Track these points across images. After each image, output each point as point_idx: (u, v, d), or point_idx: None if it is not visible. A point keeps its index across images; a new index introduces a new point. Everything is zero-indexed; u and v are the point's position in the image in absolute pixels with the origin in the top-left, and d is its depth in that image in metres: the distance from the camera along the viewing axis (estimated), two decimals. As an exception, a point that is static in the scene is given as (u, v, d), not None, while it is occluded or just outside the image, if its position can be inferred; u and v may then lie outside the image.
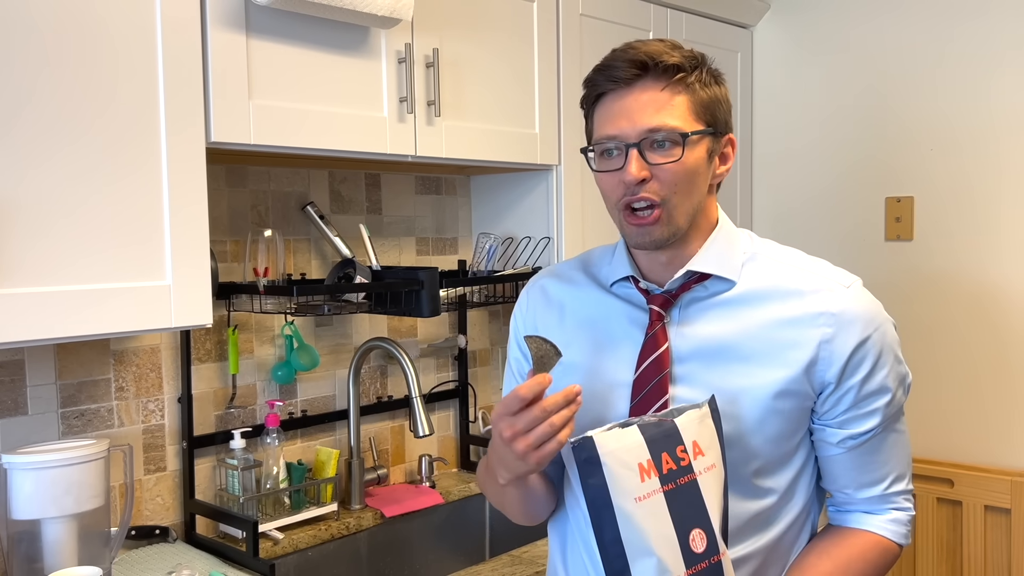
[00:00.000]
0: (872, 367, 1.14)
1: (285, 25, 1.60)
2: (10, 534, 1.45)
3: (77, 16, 1.33)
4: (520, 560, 1.77)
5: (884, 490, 1.21)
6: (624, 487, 1.03)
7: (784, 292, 1.16)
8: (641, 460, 1.04)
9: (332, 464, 2.00)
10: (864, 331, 1.14)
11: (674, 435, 1.06)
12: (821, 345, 1.13)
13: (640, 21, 2.36)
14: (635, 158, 1.10)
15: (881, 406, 1.16)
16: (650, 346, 1.17)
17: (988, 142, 2.38)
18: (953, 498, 2.41)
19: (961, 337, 2.44)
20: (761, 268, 1.19)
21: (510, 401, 1.03)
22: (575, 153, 2.18)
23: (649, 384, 1.15)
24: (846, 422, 1.17)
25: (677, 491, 1.05)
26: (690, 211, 1.14)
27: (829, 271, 1.19)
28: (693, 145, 1.11)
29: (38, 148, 1.30)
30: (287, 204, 2.01)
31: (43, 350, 1.65)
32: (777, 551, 1.20)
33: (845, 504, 1.24)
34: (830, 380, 1.14)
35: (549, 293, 1.31)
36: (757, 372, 1.14)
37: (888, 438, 1.20)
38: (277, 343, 2.01)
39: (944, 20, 2.44)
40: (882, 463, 1.20)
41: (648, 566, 1.02)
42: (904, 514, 1.23)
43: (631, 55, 1.11)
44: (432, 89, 1.83)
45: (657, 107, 1.10)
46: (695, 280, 1.18)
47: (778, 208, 2.80)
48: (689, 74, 1.11)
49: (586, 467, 1.03)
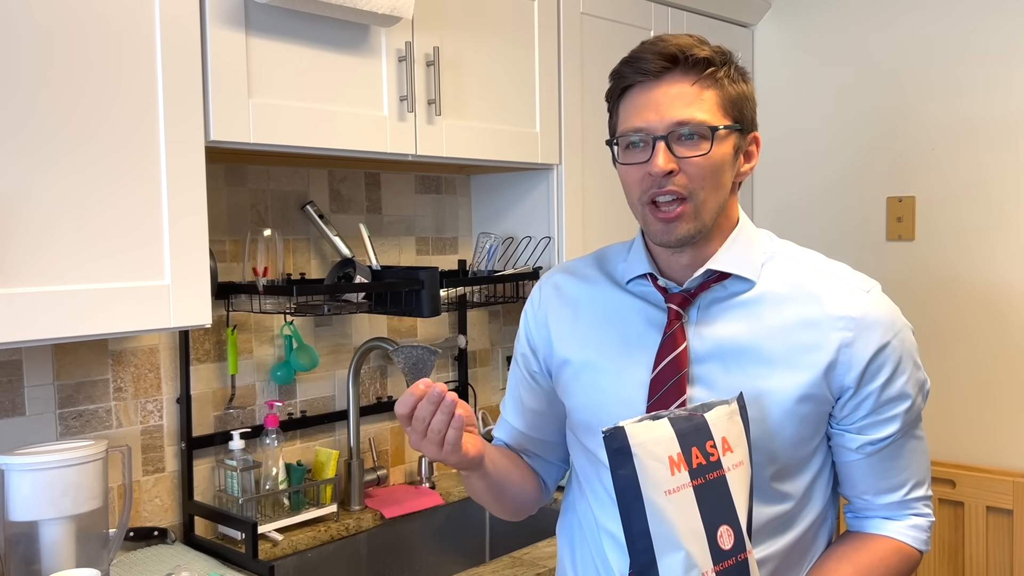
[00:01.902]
0: (892, 373, 1.13)
1: (285, 23, 1.59)
2: (8, 536, 1.44)
3: (78, 16, 1.32)
4: (521, 562, 1.76)
5: (904, 496, 1.20)
6: (654, 479, 1.02)
7: (804, 294, 1.15)
8: (671, 453, 1.03)
9: (332, 465, 2.00)
10: (884, 336, 1.13)
11: (704, 430, 1.05)
12: (841, 349, 1.12)
13: (641, 20, 2.35)
14: (662, 150, 1.08)
15: (900, 412, 1.15)
16: (668, 346, 1.15)
17: (990, 142, 2.38)
18: (955, 499, 2.41)
19: (963, 338, 2.44)
20: (781, 269, 1.17)
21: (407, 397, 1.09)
22: (576, 152, 2.17)
23: (666, 384, 1.14)
24: (865, 428, 1.15)
25: (706, 486, 1.03)
26: (715, 208, 1.13)
27: (849, 275, 1.18)
28: (721, 140, 1.10)
29: (40, 149, 1.29)
30: (286, 203, 2.00)
31: (41, 350, 1.64)
32: (793, 555, 1.19)
33: (864, 510, 1.22)
34: (849, 385, 1.13)
35: (563, 290, 1.29)
36: (776, 375, 1.13)
37: (907, 444, 1.18)
38: (276, 343, 2.00)
39: (945, 20, 2.44)
40: (901, 469, 1.19)
41: (676, 560, 1.01)
42: (924, 520, 1.21)
43: (661, 48, 1.10)
44: (432, 88, 1.82)
45: (686, 101, 1.09)
46: (714, 279, 1.16)
47: (779, 207, 2.79)
48: (719, 69, 1.10)
49: (617, 457, 1.02)
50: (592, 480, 1.24)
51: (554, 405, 1.31)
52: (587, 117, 2.20)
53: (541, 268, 2.17)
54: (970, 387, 2.44)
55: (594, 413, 1.20)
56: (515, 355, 1.36)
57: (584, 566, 1.26)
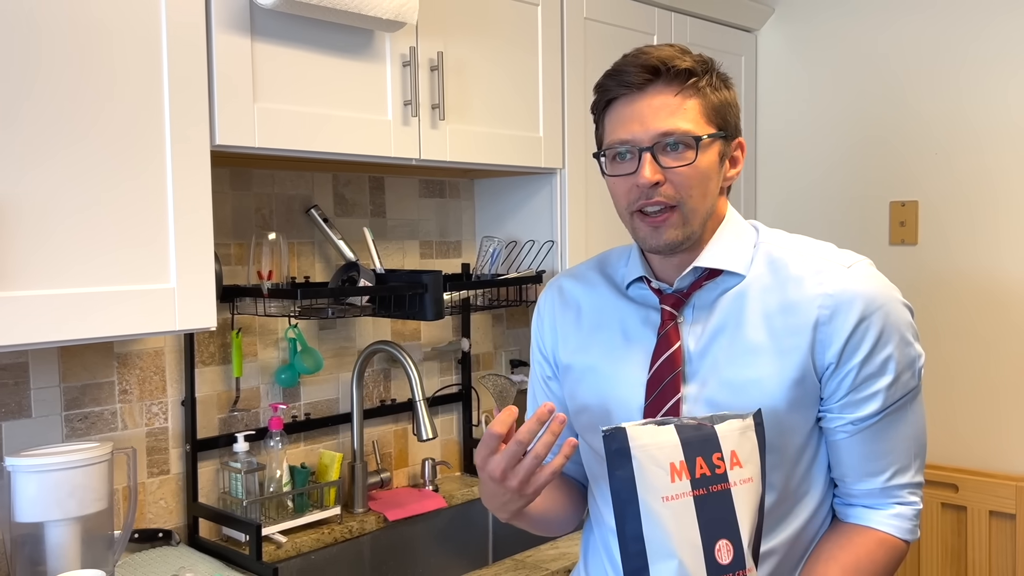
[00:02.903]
0: (872, 347, 1.12)
1: (289, 28, 1.60)
2: (13, 537, 1.45)
3: (82, 19, 1.33)
4: (524, 564, 1.76)
5: (885, 482, 1.17)
6: (652, 484, 1.01)
7: (787, 278, 1.15)
8: (674, 460, 1.02)
9: (335, 467, 2.00)
10: (864, 311, 1.11)
11: (712, 441, 1.04)
12: (819, 327, 1.12)
13: (644, 25, 2.36)
14: (648, 161, 1.11)
15: (882, 388, 1.13)
16: (663, 345, 1.17)
17: (993, 146, 2.38)
18: (958, 503, 2.40)
19: (965, 342, 2.44)
20: (767, 258, 1.18)
21: (488, 439, 1.06)
22: (579, 157, 2.18)
23: (662, 382, 1.15)
24: (847, 406, 1.14)
25: (708, 498, 1.02)
26: (704, 215, 1.14)
27: (831, 253, 1.17)
28: (706, 148, 1.12)
29: (42, 151, 1.30)
30: (291, 207, 2.01)
31: (47, 353, 1.65)
32: (798, 546, 1.19)
33: (847, 496, 1.21)
34: (830, 361, 1.12)
35: (566, 294, 1.31)
36: (765, 363, 1.13)
37: (892, 426, 1.16)
38: (281, 346, 2.01)
39: (948, 23, 2.44)
40: (883, 453, 1.16)
41: (668, 569, 1.00)
42: (909, 508, 1.18)
43: (643, 60, 1.11)
44: (436, 92, 1.82)
45: (670, 111, 1.10)
46: (706, 277, 1.18)
47: (781, 212, 2.79)
48: (700, 78, 1.12)
49: (615, 458, 1.02)
50: (600, 481, 1.25)
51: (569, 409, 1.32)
52: (590, 122, 2.19)
53: (544, 272, 2.18)
54: (973, 391, 2.44)
55: (597, 415, 1.21)
56: (531, 363, 1.38)
57: (595, 566, 1.27)
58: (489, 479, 1.08)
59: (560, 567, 1.74)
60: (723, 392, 1.14)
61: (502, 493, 1.09)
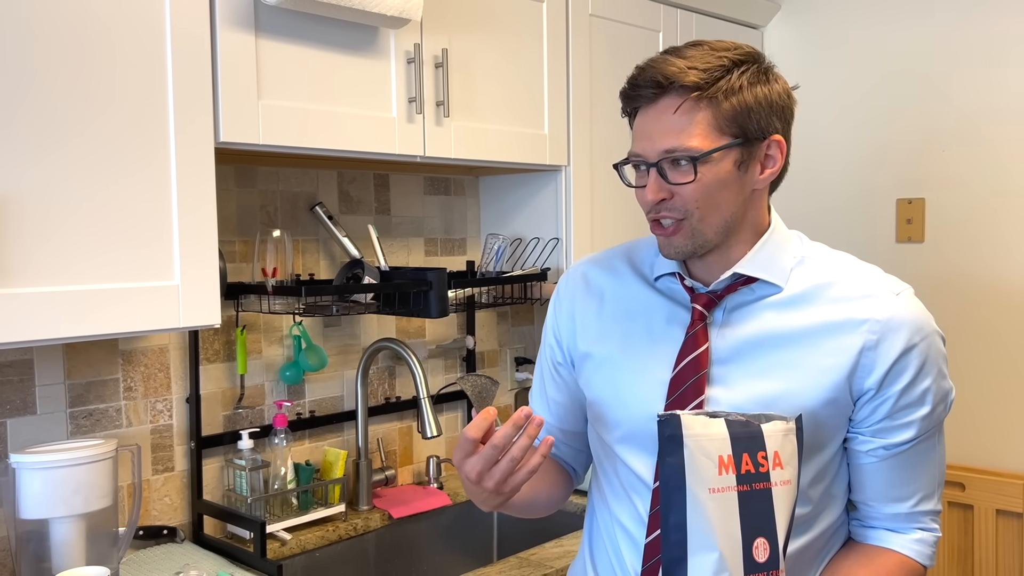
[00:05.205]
0: (914, 377, 1.12)
1: (294, 25, 1.60)
2: (18, 533, 1.45)
3: (85, 16, 1.33)
4: (528, 562, 1.76)
5: (911, 508, 1.18)
6: (701, 474, 1.01)
7: (831, 298, 1.14)
8: (723, 453, 1.02)
9: (340, 465, 2.00)
10: (910, 339, 1.11)
11: (759, 439, 1.05)
12: (864, 352, 1.11)
13: (650, 22, 2.35)
14: (654, 179, 1.11)
15: (918, 418, 1.14)
16: (690, 345, 1.15)
17: (1000, 143, 2.37)
18: (965, 502, 2.40)
19: (973, 341, 2.43)
20: (810, 273, 1.17)
21: (463, 443, 1.07)
22: (584, 154, 2.18)
23: (686, 383, 1.14)
24: (881, 431, 1.14)
25: (751, 495, 1.03)
26: (719, 224, 1.13)
27: (879, 277, 1.16)
28: (715, 162, 1.10)
29: (45, 148, 1.30)
30: (296, 204, 2.01)
31: (51, 350, 1.65)
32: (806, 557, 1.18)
33: (869, 519, 1.21)
34: (870, 387, 1.12)
35: (590, 280, 1.29)
36: (798, 379, 1.12)
37: (922, 454, 1.17)
38: (285, 343, 2.01)
39: (956, 21, 2.43)
40: (912, 479, 1.17)
41: (707, 561, 1.00)
42: (930, 535, 1.19)
43: (650, 74, 1.10)
44: (441, 89, 1.82)
45: (676, 127, 1.09)
46: (742, 282, 1.16)
47: (788, 209, 2.77)
48: (708, 89, 1.08)
49: (668, 444, 1.02)
50: (609, 473, 1.24)
51: (577, 396, 1.31)
52: (596, 118, 2.20)
53: (549, 269, 2.18)
54: (980, 390, 2.43)
55: (612, 408, 1.21)
56: (541, 345, 1.36)
57: (601, 561, 1.26)
58: (466, 479, 1.09)
59: (564, 565, 1.74)
60: (749, 401, 1.12)
61: (480, 491, 1.10)
